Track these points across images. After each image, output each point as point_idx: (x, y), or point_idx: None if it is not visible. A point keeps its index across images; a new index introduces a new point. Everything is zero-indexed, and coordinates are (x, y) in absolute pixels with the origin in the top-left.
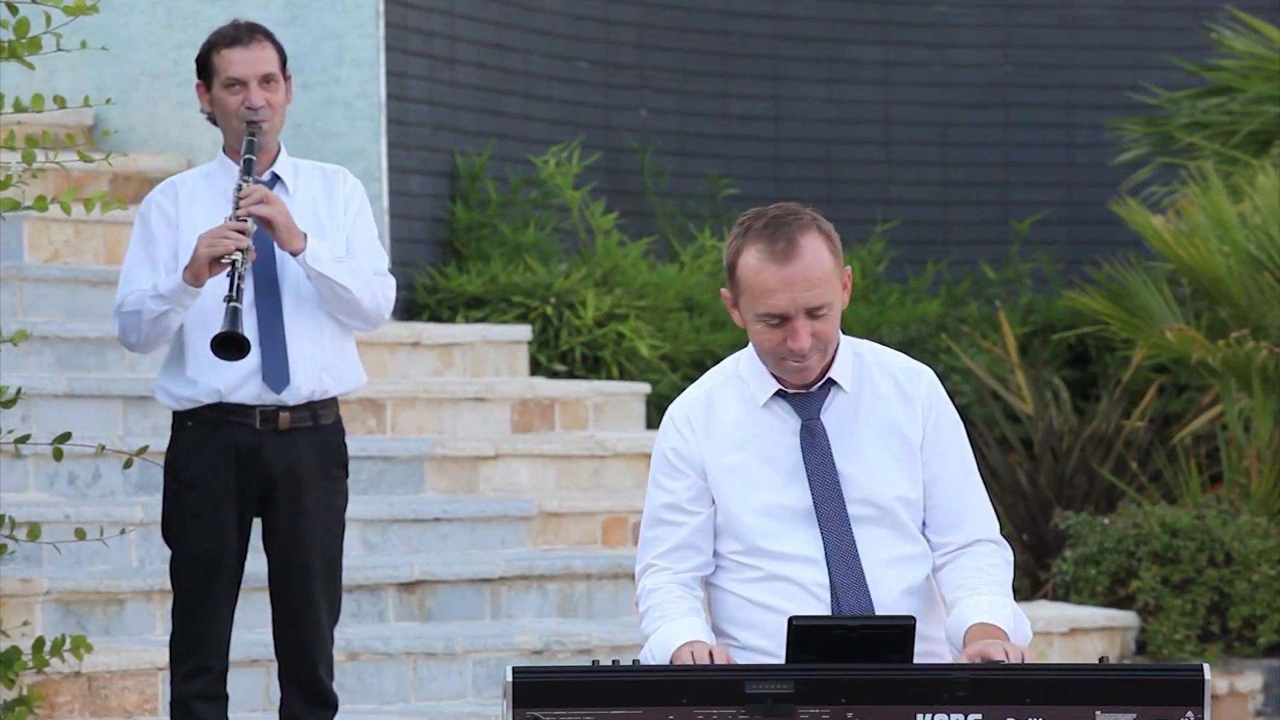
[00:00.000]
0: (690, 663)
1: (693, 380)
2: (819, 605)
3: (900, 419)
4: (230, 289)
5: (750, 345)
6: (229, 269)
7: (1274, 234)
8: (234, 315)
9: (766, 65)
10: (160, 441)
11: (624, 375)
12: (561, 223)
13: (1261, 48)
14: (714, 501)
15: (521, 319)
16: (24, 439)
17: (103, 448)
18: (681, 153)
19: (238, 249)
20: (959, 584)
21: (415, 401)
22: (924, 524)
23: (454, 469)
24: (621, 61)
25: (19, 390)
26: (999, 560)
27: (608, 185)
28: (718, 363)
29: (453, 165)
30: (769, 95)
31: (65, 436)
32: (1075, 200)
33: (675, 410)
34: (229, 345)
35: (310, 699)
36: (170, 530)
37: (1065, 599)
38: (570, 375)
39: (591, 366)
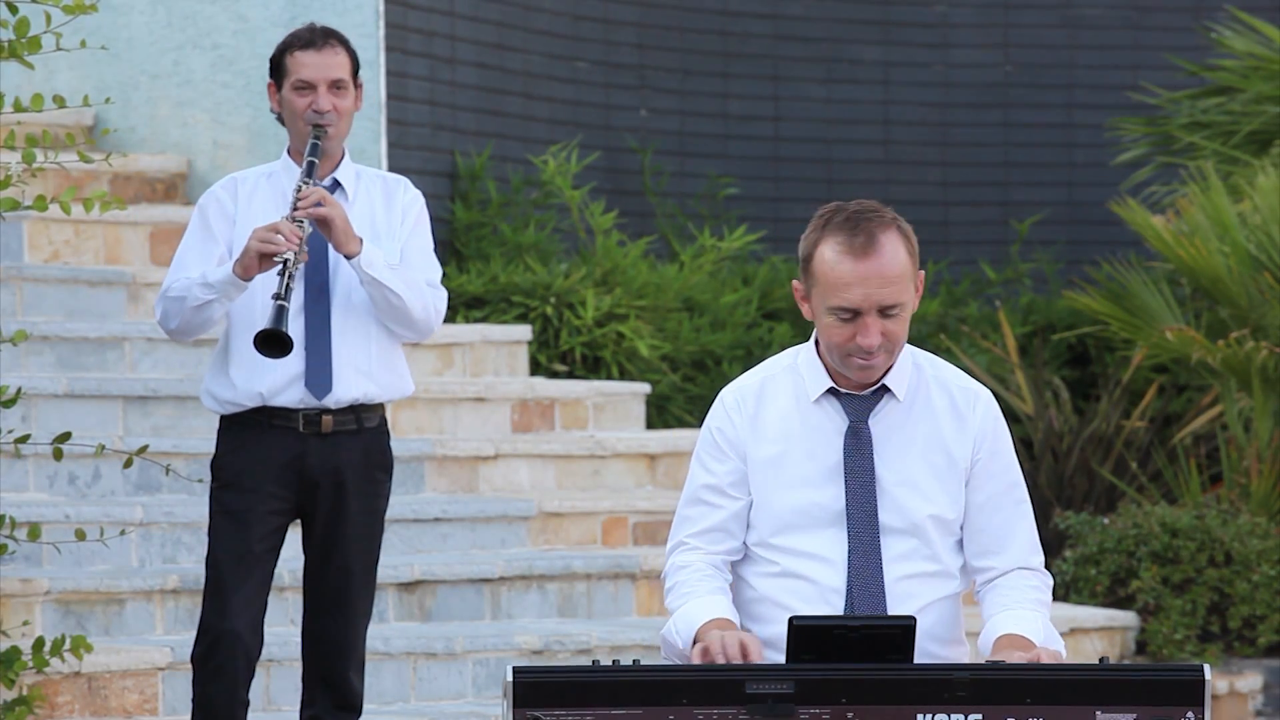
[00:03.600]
0: (720, 651)
1: (692, 380)
2: (831, 609)
3: (949, 437)
4: (280, 287)
5: (810, 340)
6: (280, 268)
7: (1274, 234)
8: (280, 313)
9: (766, 65)
10: (161, 441)
11: (624, 375)
12: (561, 223)
13: (1261, 48)
14: (750, 493)
15: (521, 319)
16: (24, 439)
17: (103, 448)
18: (681, 153)
19: (289, 249)
20: (994, 602)
21: (415, 401)
22: (962, 545)
23: (454, 469)
24: (621, 61)
25: (19, 390)
26: (1038, 584)
27: (608, 185)
28: (717, 363)
29: (453, 165)
30: (769, 95)
31: (65, 436)
32: (1075, 200)
33: (727, 393)
34: (272, 342)
35: (338, 703)
36: (209, 527)
37: (1065, 599)
38: (570, 375)
39: (591, 366)
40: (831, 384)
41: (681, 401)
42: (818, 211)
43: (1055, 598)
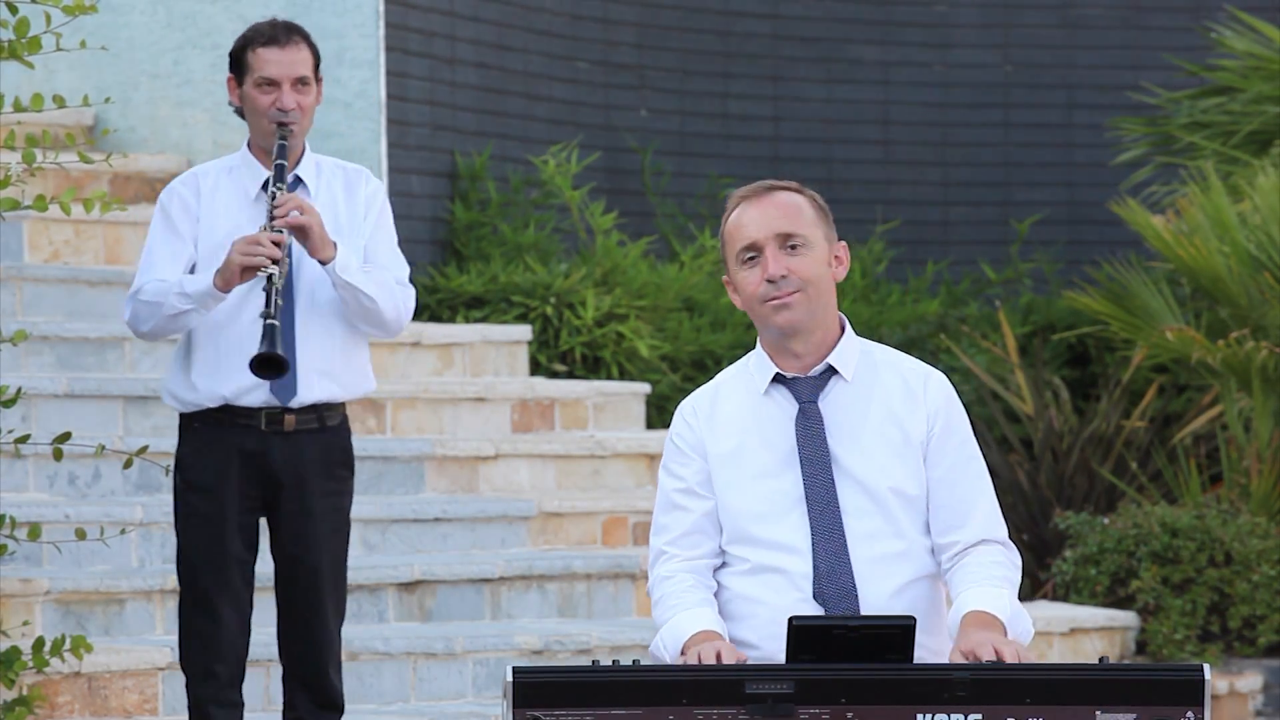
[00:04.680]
0: (696, 662)
1: (693, 380)
2: (803, 596)
3: (902, 413)
4: (268, 304)
5: (757, 343)
6: (265, 284)
7: (1274, 234)
8: (271, 333)
9: (766, 65)
10: (161, 441)
11: (624, 375)
12: (561, 223)
13: (1261, 48)
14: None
15: (521, 319)
16: (24, 439)
17: (103, 448)
18: (681, 153)
19: (273, 262)
20: (961, 579)
21: (415, 401)
22: (929, 526)
23: (454, 469)
24: (621, 61)
25: (19, 390)
26: (1004, 559)
27: (608, 185)
28: (717, 363)
29: (453, 165)
30: (769, 95)
31: (65, 436)
32: (1075, 200)
33: (684, 404)
34: (268, 365)
35: (319, 701)
36: (177, 527)
37: (1065, 599)
38: (570, 375)
39: (591, 366)
40: (777, 370)
41: (681, 401)
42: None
43: (1055, 597)
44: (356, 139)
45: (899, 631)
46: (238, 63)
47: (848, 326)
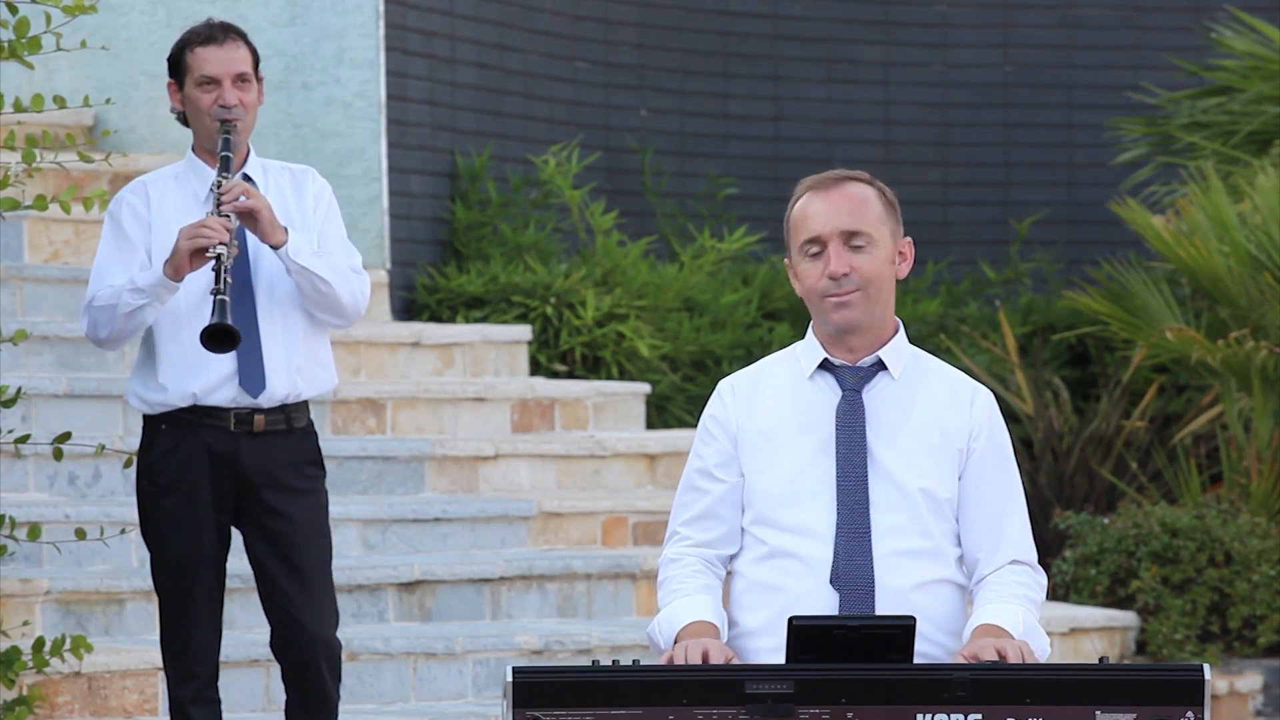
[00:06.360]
0: (684, 659)
1: (692, 380)
2: (819, 583)
3: (944, 417)
4: (217, 281)
5: (810, 331)
6: (214, 262)
7: (1274, 234)
8: (222, 307)
9: (766, 65)
10: None
11: (624, 375)
12: (561, 223)
13: (1261, 48)
14: (742, 473)
15: (521, 319)
16: (24, 439)
17: (103, 448)
18: (681, 153)
19: (220, 242)
20: (982, 597)
21: (415, 401)
22: (958, 538)
23: (454, 469)
24: (621, 61)
25: (19, 390)
26: (1029, 580)
27: (608, 185)
28: (717, 363)
29: (453, 165)
30: (769, 95)
31: (65, 436)
32: (1075, 200)
33: (724, 381)
34: (219, 337)
35: (308, 704)
36: (148, 533)
37: (1065, 599)
38: (570, 375)
39: (591, 366)
40: (825, 356)
41: (681, 401)
42: None
43: (1055, 598)
44: (356, 139)
45: (899, 631)
46: (176, 66)
47: (901, 328)
